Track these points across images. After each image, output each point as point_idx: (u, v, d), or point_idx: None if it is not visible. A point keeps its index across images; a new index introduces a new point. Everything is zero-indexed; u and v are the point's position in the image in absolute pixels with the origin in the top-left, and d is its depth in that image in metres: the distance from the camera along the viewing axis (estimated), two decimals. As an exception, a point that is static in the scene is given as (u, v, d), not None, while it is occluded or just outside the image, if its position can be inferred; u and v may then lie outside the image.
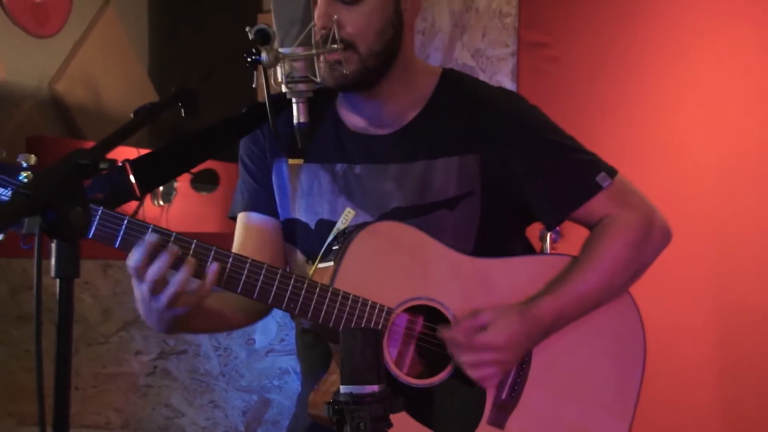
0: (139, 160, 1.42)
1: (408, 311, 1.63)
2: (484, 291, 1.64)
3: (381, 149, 1.69)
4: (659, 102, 3.09)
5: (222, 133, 1.60)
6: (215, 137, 1.59)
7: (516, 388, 1.66)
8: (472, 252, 1.67)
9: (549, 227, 1.77)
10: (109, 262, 2.79)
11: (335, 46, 1.54)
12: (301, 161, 1.72)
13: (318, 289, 1.56)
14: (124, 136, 1.24)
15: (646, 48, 3.10)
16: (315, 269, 1.65)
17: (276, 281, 1.54)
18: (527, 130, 1.71)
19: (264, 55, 1.44)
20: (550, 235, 2.81)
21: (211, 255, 1.50)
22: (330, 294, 1.56)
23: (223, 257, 1.52)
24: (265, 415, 2.76)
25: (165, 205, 3.54)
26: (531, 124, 1.72)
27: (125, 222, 1.47)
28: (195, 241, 1.50)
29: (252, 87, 1.48)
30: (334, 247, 1.64)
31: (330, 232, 1.67)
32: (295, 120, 1.51)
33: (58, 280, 1.07)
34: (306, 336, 1.78)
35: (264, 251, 1.70)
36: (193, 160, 1.57)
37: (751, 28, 2.99)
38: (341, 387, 1.22)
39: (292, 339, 2.69)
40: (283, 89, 1.50)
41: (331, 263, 1.61)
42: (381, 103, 1.69)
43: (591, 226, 1.74)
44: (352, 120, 1.72)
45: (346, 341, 1.23)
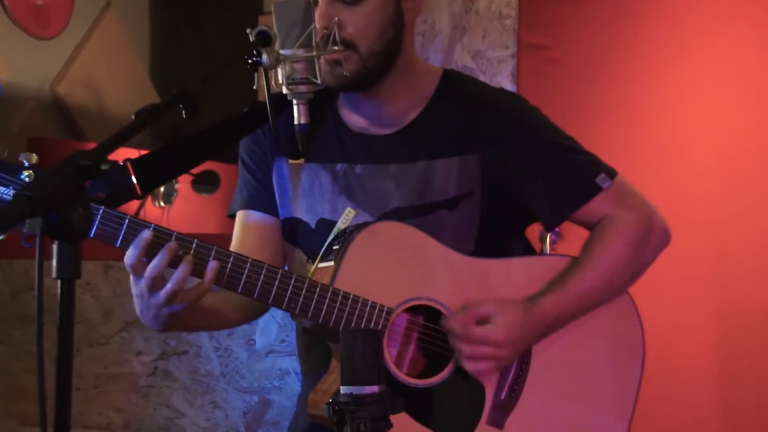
0: (141, 159, 1.42)
1: (408, 311, 1.63)
2: (483, 291, 1.65)
3: (382, 149, 1.70)
4: (659, 103, 3.09)
5: (223, 133, 1.61)
6: (216, 137, 1.59)
7: (515, 388, 1.66)
8: (472, 252, 1.67)
9: (548, 228, 1.78)
10: (110, 263, 2.79)
11: (336, 48, 1.54)
12: (302, 161, 1.73)
13: (318, 289, 1.56)
14: (125, 137, 1.25)
15: (645, 49, 3.10)
16: (315, 268, 1.65)
17: (276, 281, 1.54)
18: (528, 130, 1.71)
19: (265, 57, 1.45)
20: (549, 236, 2.81)
21: (212, 254, 1.51)
22: (330, 294, 1.57)
23: (224, 257, 1.52)
24: (266, 416, 2.77)
25: (166, 207, 3.54)
26: (531, 124, 1.72)
27: (126, 221, 1.47)
28: (196, 241, 1.50)
29: (253, 89, 1.49)
30: (334, 247, 1.64)
31: (330, 231, 1.68)
32: (296, 121, 1.52)
33: (59, 281, 1.08)
34: (306, 336, 1.78)
35: (263, 249, 1.70)
36: (195, 159, 1.57)
37: (751, 28, 2.99)
38: (341, 387, 1.22)
39: (292, 340, 2.70)
40: (284, 91, 1.50)
41: (332, 263, 1.61)
42: (382, 103, 1.70)
43: (591, 226, 1.74)
44: (352, 120, 1.73)
45: (346, 342, 1.23)
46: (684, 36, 3.07)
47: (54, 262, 1.07)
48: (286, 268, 1.75)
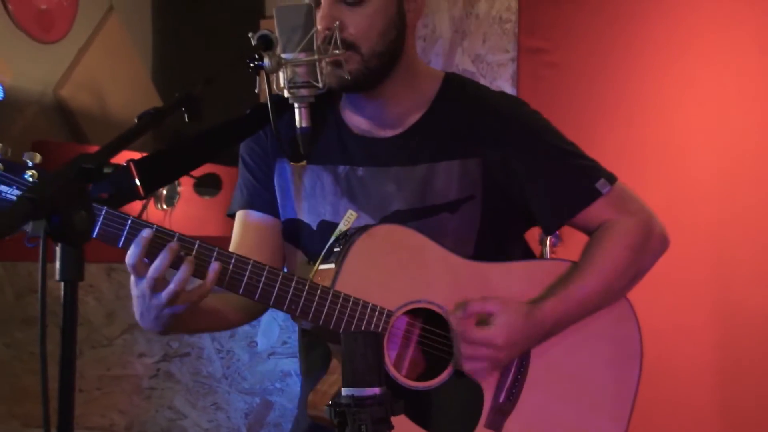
0: (143, 160, 1.42)
1: (407, 314, 1.64)
2: (483, 294, 1.65)
3: (383, 151, 1.70)
4: (658, 105, 3.10)
5: (226, 134, 1.61)
6: (219, 138, 1.59)
7: (514, 391, 1.67)
8: (472, 255, 1.68)
9: (548, 231, 1.78)
10: (113, 265, 2.80)
11: (337, 51, 1.55)
12: (304, 162, 1.73)
13: (319, 292, 1.57)
14: (128, 140, 1.25)
15: (644, 52, 3.11)
16: (316, 270, 1.65)
17: (278, 283, 1.55)
18: (528, 133, 1.71)
19: (266, 61, 1.45)
20: (549, 239, 2.81)
21: (214, 256, 1.51)
22: (331, 296, 1.57)
23: (226, 258, 1.53)
24: (267, 418, 2.77)
25: (168, 209, 3.55)
26: (532, 127, 1.73)
27: (129, 222, 1.47)
28: (198, 242, 1.51)
29: (255, 92, 1.50)
30: (335, 249, 1.64)
31: (332, 233, 1.68)
32: (298, 125, 1.52)
33: (62, 283, 1.08)
34: (306, 338, 1.79)
35: (262, 250, 1.71)
36: (197, 160, 1.57)
37: (751, 29, 3.00)
38: (342, 389, 1.23)
39: (294, 342, 2.70)
40: (286, 94, 1.51)
41: (333, 265, 1.61)
42: (383, 104, 1.70)
43: (590, 231, 1.75)
44: (354, 122, 1.73)
45: (347, 344, 1.23)
46: (683, 38, 3.07)
47: (57, 264, 1.08)
48: (285, 269, 1.75)
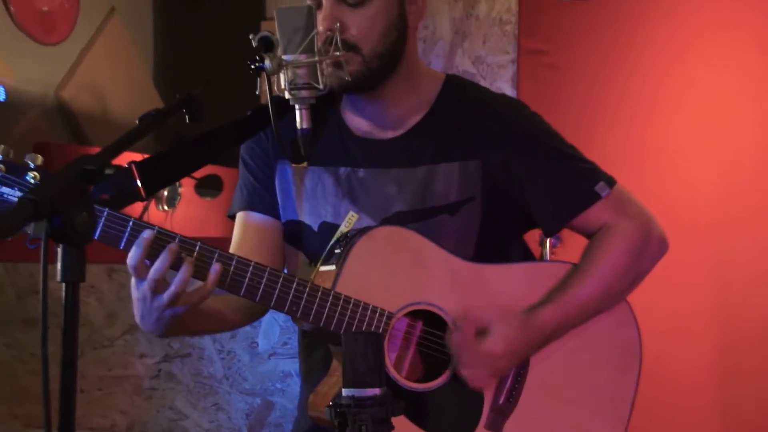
0: (145, 161, 1.42)
1: (408, 316, 1.64)
2: (483, 297, 1.65)
3: (384, 153, 1.70)
4: (657, 107, 3.10)
5: (227, 136, 1.61)
6: (220, 139, 1.59)
7: (513, 393, 1.67)
8: (472, 257, 1.68)
9: (548, 234, 1.78)
10: (114, 266, 2.80)
11: (338, 52, 1.55)
12: (305, 164, 1.73)
13: (320, 293, 1.57)
14: (129, 142, 1.26)
15: (643, 54, 3.11)
16: (317, 272, 1.65)
17: (279, 285, 1.55)
18: (529, 135, 1.72)
19: (267, 63, 1.46)
20: (549, 241, 2.81)
21: (215, 257, 1.52)
22: (331, 298, 1.57)
23: (227, 260, 1.53)
24: (268, 418, 2.77)
25: (169, 210, 3.55)
26: (533, 129, 1.73)
27: (131, 223, 1.47)
28: (199, 243, 1.51)
29: (256, 94, 1.50)
30: (336, 251, 1.65)
31: (333, 235, 1.68)
32: (298, 126, 1.53)
33: (63, 284, 1.08)
34: (306, 339, 1.79)
35: (262, 251, 1.71)
36: (198, 162, 1.57)
37: (751, 29, 3.00)
38: (343, 390, 1.23)
39: (294, 342, 2.70)
40: (286, 96, 1.51)
41: (333, 267, 1.61)
42: (384, 105, 1.70)
43: (589, 234, 1.75)
44: (355, 123, 1.73)
45: (348, 345, 1.23)
46: (683, 38, 3.08)
47: (58, 265, 1.08)
48: (285, 270, 1.75)
